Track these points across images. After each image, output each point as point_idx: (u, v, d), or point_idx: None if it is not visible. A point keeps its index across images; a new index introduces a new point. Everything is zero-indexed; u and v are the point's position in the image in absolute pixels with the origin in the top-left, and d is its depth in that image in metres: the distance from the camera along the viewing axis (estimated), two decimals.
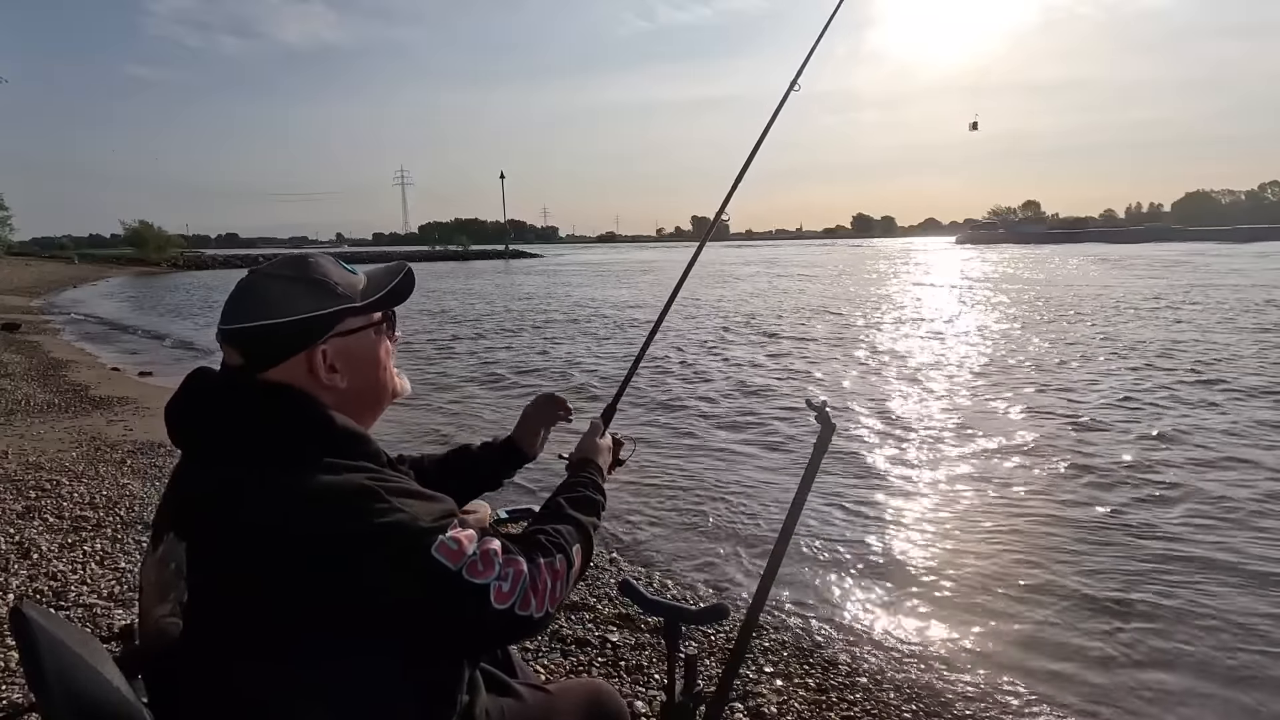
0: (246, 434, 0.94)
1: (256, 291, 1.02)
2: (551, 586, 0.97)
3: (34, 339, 14.22)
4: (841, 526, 4.47)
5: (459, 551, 0.89)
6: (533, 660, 2.84)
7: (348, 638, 0.91)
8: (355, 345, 1.05)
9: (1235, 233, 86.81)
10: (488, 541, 0.94)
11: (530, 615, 0.93)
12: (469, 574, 0.89)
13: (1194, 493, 4.91)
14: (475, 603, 0.89)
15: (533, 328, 16.06)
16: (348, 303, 1.04)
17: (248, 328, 0.99)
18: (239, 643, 0.90)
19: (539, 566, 0.97)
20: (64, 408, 7.57)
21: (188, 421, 0.99)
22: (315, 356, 1.00)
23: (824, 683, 2.76)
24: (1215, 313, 15.25)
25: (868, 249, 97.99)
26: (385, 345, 1.10)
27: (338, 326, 1.02)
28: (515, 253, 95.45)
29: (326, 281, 1.03)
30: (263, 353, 0.99)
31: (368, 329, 1.06)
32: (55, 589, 3.34)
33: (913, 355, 11.12)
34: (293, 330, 0.99)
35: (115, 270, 55.73)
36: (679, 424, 7.16)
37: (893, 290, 24.74)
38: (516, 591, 0.92)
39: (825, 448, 1.45)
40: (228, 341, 1.01)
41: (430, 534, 0.89)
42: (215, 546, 0.91)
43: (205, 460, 0.97)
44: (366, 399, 1.07)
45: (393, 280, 1.09)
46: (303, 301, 1.00)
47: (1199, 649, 3.10)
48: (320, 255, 1.09)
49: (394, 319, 1.12)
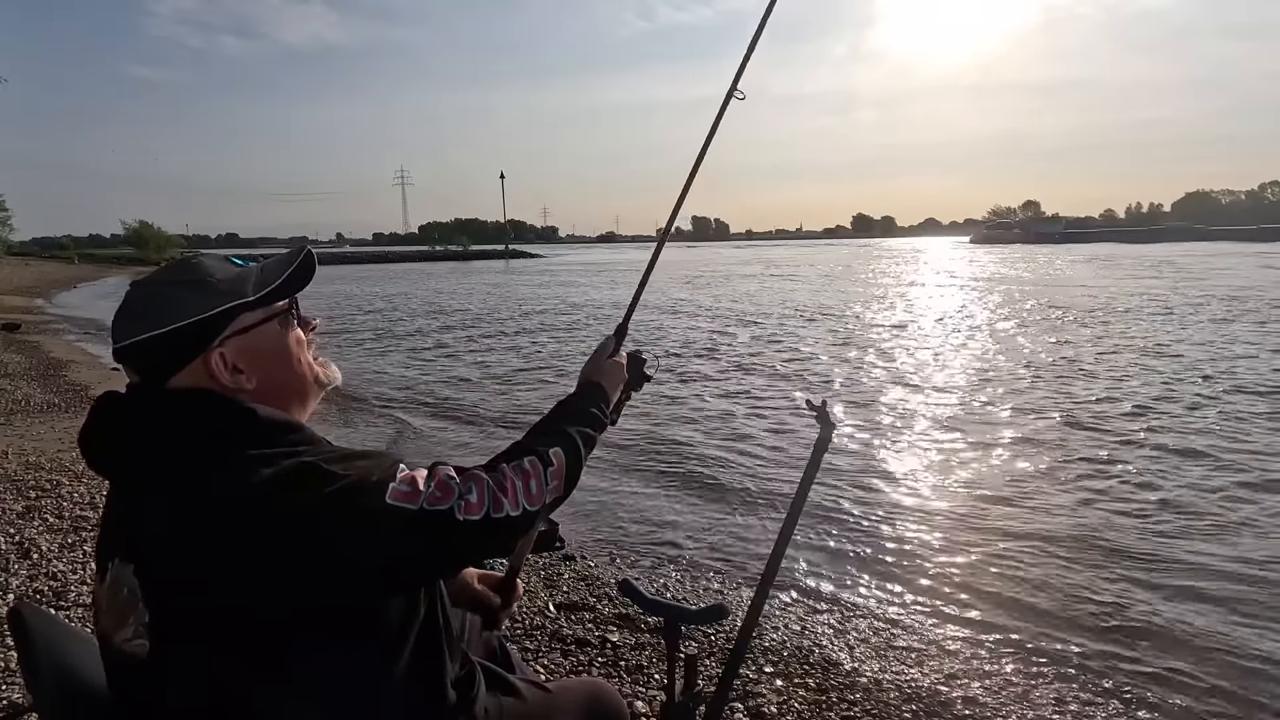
0: (167, 449, 0.91)
1: (138, 303, 0.98)
2: (524, 484, 0.96)
3: (34, 339, 14.22)
4: (842, 526, 4.46)
5: (414, 490, 0.88)
6: (533, 660, 2.84)
7: (338, 630, 0.91)
8: (257, 341, 1.00)
9: (1259, 232, 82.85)
10: (440, 470, 0.93)
11: (507, 514, 0.92)
12: (430, 505, 0.88)
13: (1197, 494, 4.91)
14: (448, 527, 0.88)
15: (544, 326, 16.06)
16: (237, 299, 0.98)
17: (133, 343, 0.95)
18: (225, 649, 0.89)
19: (502, 472, 0.96)
20: (64, 408, 7.57)
21: (103, 447, 0.96)
22: (212, 360, 0.96)
23: (824, 683, 2.76)
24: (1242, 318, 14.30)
25: (876, 249, 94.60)
26: (294, 335, 1.05)
27: (231, 325, 0.97)
28: (515, 253, 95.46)
29: (209, 280, 0.99)
30: (156, 365, 0.96)
31: (269, 321, 1.02)
32: (55, 589, 3.34)
33: (918, 357, 11.12)
34: (180, 337, 0.95)
35: (115, 270, 55.74)
36: (679, 424, 7.16)
37: (917, 294, 23.11)
38: (485, 499, 0.91)
39: (825, 447, 1.45)
40: (120, 360, 0.98)
41: (380, 486, 0.88)
42: (173, 566, 0.89)
43: (134, 482, 0.95)
44: (284, 394, 1.03)
45: (288, 267, 1.04)
46: (185, 306, 0.96)
47: (1201, 650, 3.09)
48: (206, 255, 1.05)
49: (297, 306, 1.07)
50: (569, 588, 3.54)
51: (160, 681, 0.92)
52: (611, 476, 5.48)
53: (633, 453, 6.11)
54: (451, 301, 23.99)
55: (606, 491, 5.16)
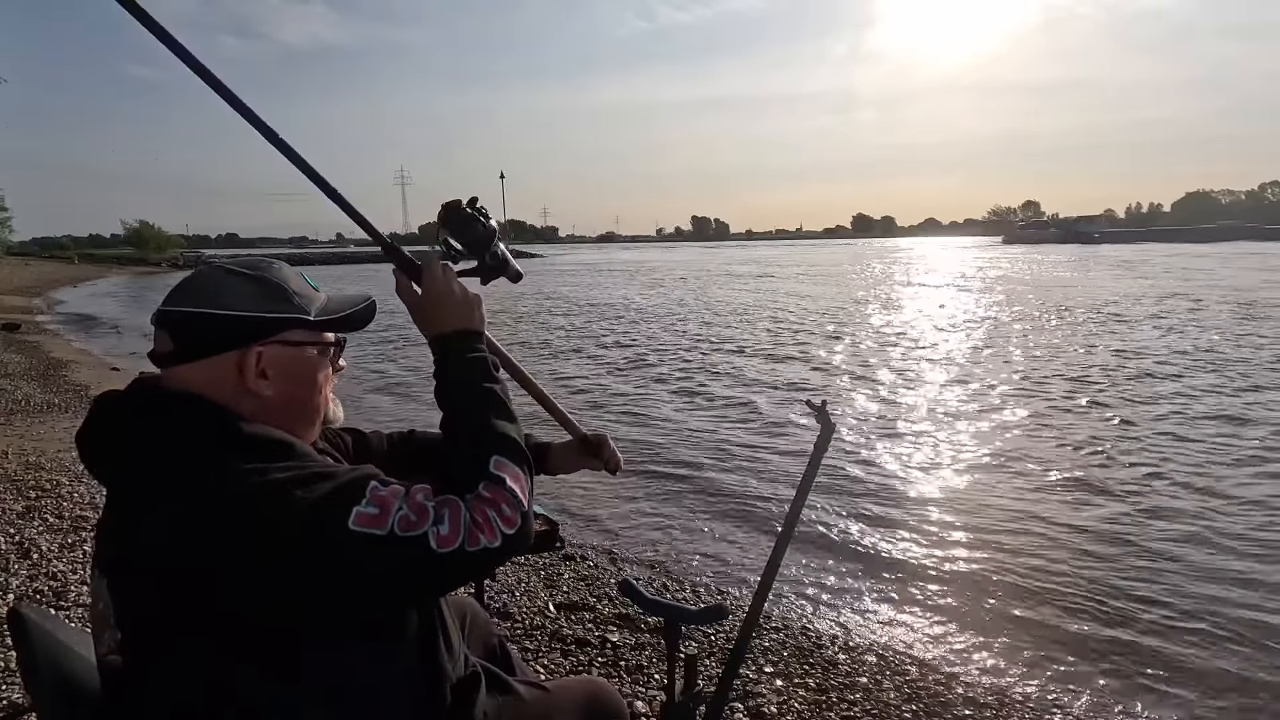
0: (162, 461, 0.90)
1: (208, 280, 0.98)
2: (492, 514, 0.90)
3: (34, 339, 14.22)
4: (842, 526, 4.47)
5: (382, 514, 0.85)
6: (532, 660, 2.84)
7: (337, 632, 0.91)
8: (294, 358, 1.00)
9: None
10: (415, 491, 0.89)
11: (486, 547, 0.88)
12: (401, 529, 0.84)
13: (1200, 496, 4.91)
14: (419, 555, 0.85)
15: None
16: (300, 313, 1.00)
17: (186, 312, 0.95)
18: (223, 653, 0.89)
19: (469, 502, 0.90)
20: (64, 408, 7.57)
21: (98, 451, 0.95)
22: (248, 357, 0.96)
23: (824, 683, 2.76)
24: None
25: (886, 249, 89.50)
26: (325, 370, 1.06)
27: (281, 334, 0.98)
28: (515, 253, 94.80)
29: (284, 288, 1.00)
30: (194, 343, 0.95)
31: (312, 346, 1.03)
32: (55, 589, 3.34)
33: (923, 359, 11.12)
34: (232, 325, 0.95)
35: (115, 270, 55.75)
36: (678, 424, 7.16)
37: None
38: (460, 532, 0.87)
39: (825, 447, 1.45)
40: (161, 324, 0.97)
41: (343, 510, 0.84)
42: (163, 575, 0.88)
43: (127, 493, 0.94)
44: (293, 414, 1.02)
45: (353, 307, 1.06)
46: (253, 300, 0.97)
47: (1202, 651, 3.10)
48: (286, 265, 1.04)
49: (343, 346, 1.08)
50: (569, 588, 3.54)
51: (151, 690, 0.92)
52: (611, 477, 5.46)
53: (633, 453, 6.10)
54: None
55: (607, 492, 5.16)
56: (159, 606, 0.89)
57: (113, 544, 0.93)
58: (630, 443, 6.41)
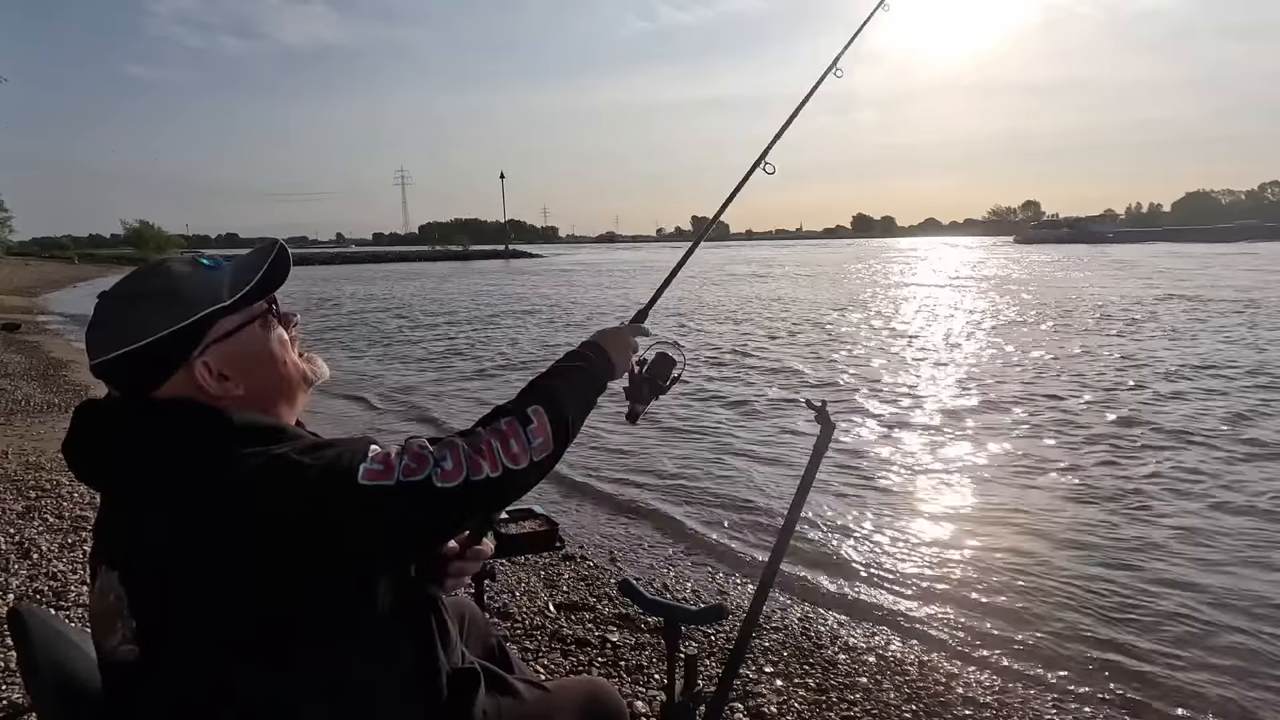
0: (154, 464, 0.90)
1: (108, 318, 0.95)
2: (502, 445, 0.92)
3: (34, 339, 14.22)
4: (842, 526, 4.46)
5: (387, 466, 0.87)
6: (532, 660, 2.84)
7: (337, 630, 0.91)
8: (240, 346, 0.98)
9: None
10: (412, 442, 0.92)
11: (487, 476, 0.89)
12: (406, 476, 0.87)
13: (1202, 498, 4.91)
14: (427, 496, 0.87)
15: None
16: (212, 305, 0.96)
17: (109, 360, 0.93)
18: (225, 650, 0.89)
19: (478, 435, 0.94)
20: (64, 408, 7.57)
21: (87, 459, 0.95)
22: (195, 370, 0.94)
23: (824, 683, 2.76)
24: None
25: (895, 250, 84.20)
26: (277, 335, 1.03)
27: (210, 333, 0.95)
28: (515, 253, 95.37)
29: (180, 288, 0.96)
30: (136, 381, 0.94)
31: (249, 324, 0.99)
32: (55, 589, 3.34)
33: (930, 361, 11.11)
34: (158, 351, 0.92)
35: (115, 270, 55.71)
36: (678, 424, 7.16)
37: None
38: (462, 464, 0.89)
39: (825, 447, 1.45)
40: (100, 377, 0.96)
41: (352, 467, 0.87)
42: (171, 573, 0.89)
43: (121, 496, 0.94)
44: (273, 396, 1.01)
45: (262, 265, 1.01)
46: (158, 318, 0.93)
47: (1204, 650, 3.09)
48: (173, 259, 1.01)
49: (276, 304, 1.04)
50: (569, 588, 3.54)
51: (151, 685, 0.92)
52: (612, 477, 5.48)
53: (633, 453, 6.11)
54: (459, 299, 23.99)
55: (607, 492, 5.17)
56: (157, 606, 0.90)
57: (116, 542, 0.94)
58: (630, 443, 6.41)
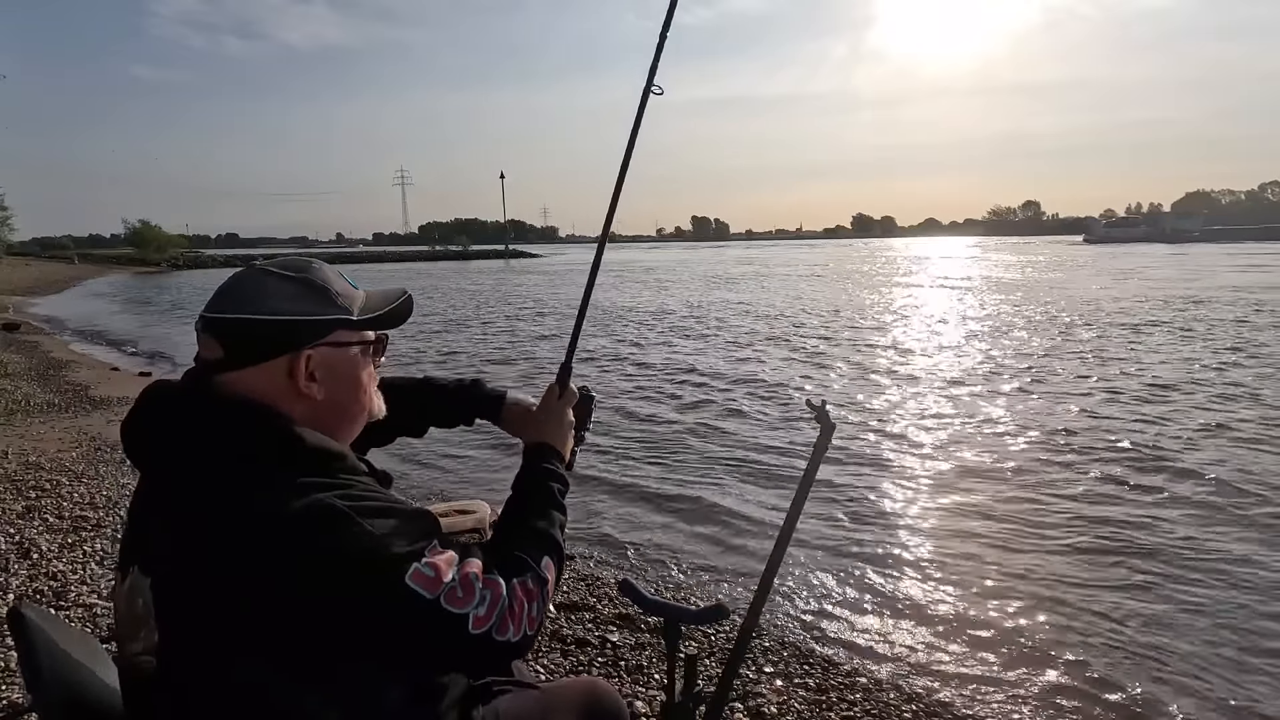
0: (208, 457, 0.89)
1: (253, 284, 0.97)
2: (528, 607, 0.94)
3: (34, 339, 14.23)
4: (841, 526, 4.46)
5: (436, 579, 0.87)
6: (532, 660, 2.84)
7: (336, 650, 0.90)
8: (340, 359, 1.01)
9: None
10: (468, 564, 0.91)
11: (508, 640, 0.91)
12: (447, 603, 0.87)
13: (1202, 499, 4.91)
14: (453, 632, 0.87)
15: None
16: (345, 314, 1.00)
17: (233, 319, 0.94)
18: (245, 655, 0.88)
19: (514, 587, 0.94)
20: (64, 408, 7.57)
21: (144, 441, 0.95)
22: (299, 362, 0.96)
23: (824, 683, 2.76)
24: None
25: (908, 251, 77.31)
26: (369, 368, 1.07)
27: (329, 336, 0.99)
28: (515, 253, 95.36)
29: (328, 289, 1.00)
30: (244, 349, 0.94)
31: (357, 346, 1.03)
32: (55, 589, 3.34)
33: (932, 361, 11.11)
34: (281, 330, 0.95)
35: (115, 270, 55.75)
36: (678, 424, 7.16)
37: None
38: (493, 617, 0.89)
39: (825, 448, 1.45)
40: (208, 330, 0.95)
41: (405, 561, 0.86)
42: (188, 580, 0.88)
43: (166, 486, 0.93)
44: (340, 415, 1.03)
45: (393, 303, 1.07)
46: (299, 303, 0.97)
47: (1204, 650, 3.09)
48: (325, 264, 1.05)
49: (385, 343, 1.09)
50: (569, 588, 3.54)
51: (167, 692, 0.91)
52: (612, 477, 5.48)
53: (633, 454, 6.11)
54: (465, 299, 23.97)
55: (607, 492, 5.16)
56: (186, 610, 0.89)
57: (150, 541, 0.92)
58: (631, 444, 6.42)
